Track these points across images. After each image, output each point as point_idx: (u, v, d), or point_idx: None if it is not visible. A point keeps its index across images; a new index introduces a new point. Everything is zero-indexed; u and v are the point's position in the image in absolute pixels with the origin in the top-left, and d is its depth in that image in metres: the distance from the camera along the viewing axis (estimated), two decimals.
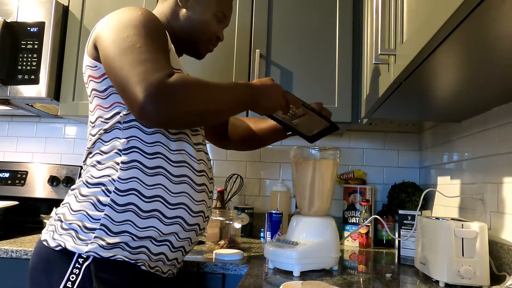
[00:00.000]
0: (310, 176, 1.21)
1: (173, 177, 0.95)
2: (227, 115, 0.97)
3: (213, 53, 1.71)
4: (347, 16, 1.66)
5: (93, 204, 0.89)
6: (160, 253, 0.94)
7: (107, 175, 0.91)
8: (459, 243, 1.03)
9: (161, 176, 0.93)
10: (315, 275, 1.11)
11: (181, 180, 0.96)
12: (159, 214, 0.92)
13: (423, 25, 0.71)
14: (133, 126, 0.94)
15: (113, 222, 0.89)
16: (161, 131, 0.95)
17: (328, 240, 1.16)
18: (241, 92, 0.95)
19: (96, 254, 0.87)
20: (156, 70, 0.83)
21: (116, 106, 0.94)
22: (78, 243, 0.87)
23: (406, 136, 1.97)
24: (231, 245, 1.52)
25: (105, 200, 0.89)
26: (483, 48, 0.70)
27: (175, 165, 0.95)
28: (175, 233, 0.95)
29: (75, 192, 0.94)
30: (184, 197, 0.96)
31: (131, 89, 0.81)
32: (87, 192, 0.91)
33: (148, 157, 0.93)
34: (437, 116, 1.37)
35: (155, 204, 0.92)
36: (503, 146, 1.14)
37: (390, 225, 1.70)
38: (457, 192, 1.43)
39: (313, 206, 1.21)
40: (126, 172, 0.91)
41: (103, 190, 0.90)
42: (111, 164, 0.92)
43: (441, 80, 0.91)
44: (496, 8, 0.55)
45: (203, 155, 1.04)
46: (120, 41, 0.87)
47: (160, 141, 0.94)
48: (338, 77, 1.64)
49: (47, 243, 0.91)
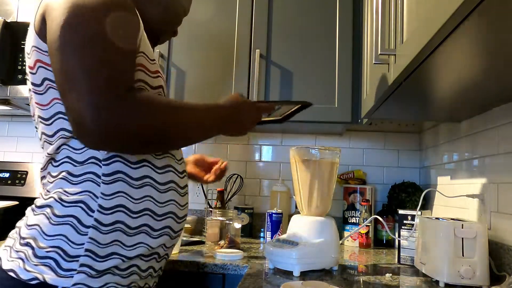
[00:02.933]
0: (310, 176, 1.21)
1: (160, 185, 0.83)
2: (194, 142, 0.85)
3: (213, 53, 1.72)
4: (347, 16, 1.66)
5: (73, 226, 0.74)
6: (149, 267, 0.84)
7: (87, 191, 0.76)
8: (459, 243, 1.03)
9: (149, 186, 0.81)
10: (315, 275, 1.11)
11: (168, 187, 0.84)
12: (148, 228, 0.81)
13: (423, 25, 0.71)
14: None
15: (99, 245, 0.75)
16: None
17: (328, 240, 1.16)
18: (212, 118, 0.84)
19: (85, 285, 0.73)
20: (114, 81, 0.68)
21: None
22: (61, 274, 0.72)
23: (406, 136, 1.97)
24: (231, 245, 1.52)
25: (87, 220, 0.74)
26: (483, 48, 0.70)
27: (161, 171, 0.84)
28: (163, 244, 0.85)
29: (45, 211, 0.76)
30: (172, 205, 0.85)
31: (76, 97, 0.67)
32: (64, 212, 0.75)
33: (133, 166, 0.79)
34: (437, 116, 1.37)
35: (143, 219, 0.80)
36: (503, 146, 1.14)
37: (390, 225, 1.70)
38: (457, 192, 1.43)
39: (313, 206, 1.21)
40: (110, 186, 0.76)
41: (84, 209, 0.75)
42: (89, 177, 0.76)
43: (441, 80, 0.91)
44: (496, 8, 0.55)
45: (180, 153, 0.95)
46: (75, 26, 0.70)
47: None
48: (338, 77, 1.64)
49: (16, 275, 0.72)
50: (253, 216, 1.90)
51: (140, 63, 0.80)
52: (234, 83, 1.68)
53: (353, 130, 1.97)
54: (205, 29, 1.72)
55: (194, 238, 1.73)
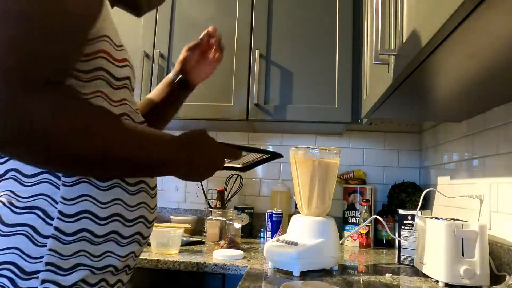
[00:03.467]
0: (310, 176, 1.21)
1: (130, 186, 0.70)
2: (129, 175, 0.67)
3: None
4: (347, 16, 1.66)
5: (29, 237, 0.61)
6: (118, 280, 0.73)
7: (42, 194, 0.62)
8: (459, 243, 1.03)
9: (118, 188, 0.68)
10: (315, 275, 1.11)
11: (138, 188, 0.72)
12: (117, 235, 0.69)
13: (423, 25, 0.71)
14: None
15: (61, 257, 0.62)
16: None
17: (328, 240, 1.16)
18: (163, 151, 0.67)
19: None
20: (25, 69, 0.51)
21: None
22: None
23: (406, 136, 1.97)
24: (231, 245, 1.52)
25: (46, 230, 0.61)
26: (483, 48, 0.70)
27: None
28: (133, 253, 0.74)
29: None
30: (143, 208, 0.73)
31: None
32: (15, 221, 0.61)
33: None
34: (437, 116, 1.37)
35: (112, 225, 0.67)
36: (503, 146, 1.14)
37: (390, 225, 1.70)
38: (457, 192, 1.43)
39: (313, 206, 1.21)
40: (72, 188, 0.63)
41: (41, 215, 0.62)
42: (46, 178, 0.63)
43: (441, 80, 0.91)
44: (496, 8, 0.55)
45: None
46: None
47: None
48: (338, 77, 1.64)
49: None
50: (253, 216, 1.91)
51: (102, 49, 0.65)
52: (234, 83, 1.68)
53: (353, 130, 1.97)
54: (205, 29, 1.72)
55: (194, 238, 1.73)
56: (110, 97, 0.67)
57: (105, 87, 0.67)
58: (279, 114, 1.64)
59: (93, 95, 0.65)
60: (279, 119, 1.64)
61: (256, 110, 1.64)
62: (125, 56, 0.72)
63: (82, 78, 0.64)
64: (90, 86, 0.65)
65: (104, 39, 0.66)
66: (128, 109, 0.71)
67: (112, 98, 0.68)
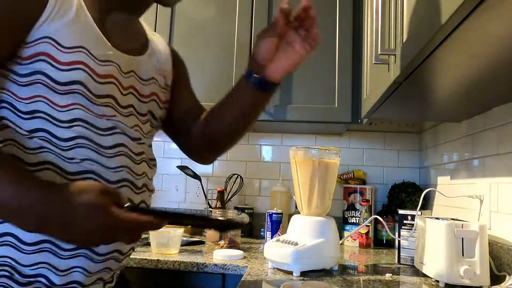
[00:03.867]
0: (310, 176, 1.21)
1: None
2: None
3: (213, 52, 1.72)
4: (347, 16, 1.66)
5: None
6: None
7: None
8: (459, 243, 1.03)
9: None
10: (315, 275, 1.11)
11: None
12: (51, 244, 0.66)
13: (423, 25, 0.71)
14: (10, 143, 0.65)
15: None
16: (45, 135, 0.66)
17: (328, 240, 1.16)
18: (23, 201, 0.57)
19: None
20: None
21: None
22: None
23: (406, 136, 1.97)
24: (231, 245, 1.52)
25: None
26: (483, 48, 0.70)
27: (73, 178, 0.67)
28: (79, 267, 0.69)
29: None
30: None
31: None
32: None
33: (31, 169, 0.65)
34: (437, 116, 1.37)
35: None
36: (503, 146, 1.14)
37: (390, 225, 1.70)
38: (457, 192, 1.43)
39: (313, 206, 1.21)
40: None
41: None
42: None
43: (441, 80, 0.91)
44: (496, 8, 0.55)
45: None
46: None
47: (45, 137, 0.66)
48: (338, 77, 1.64)
49: None
50: (253, 216, 1.91)
51: (41, 52, 0.64)
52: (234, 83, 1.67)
53: (353, 130, 1.97)
54: (205, 29, 1.72)
55: (194, 238, 1.73)
56: (53, 102, 0.66)
57: (46, 92, 0.65)
58: (279, 114, 1.64)
59: (32, 100, 0.65)
60: (279, 119, 1.64)
61: None
62: (77, 59, 0.66)
63: (20, 82, 0.64)
64: (29, 91, 0.65)
65: (44, 40, 0.64)
66: (82, 114, 0.67)
67: (56, 103, 0.66)
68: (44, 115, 0.65)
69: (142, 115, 0.79)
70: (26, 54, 0.64)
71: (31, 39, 0.63)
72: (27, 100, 0.65)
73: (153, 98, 0.82)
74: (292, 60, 0.82)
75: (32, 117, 0.65)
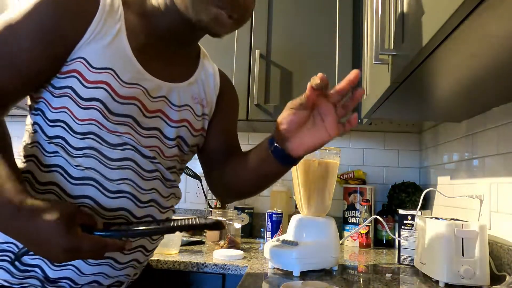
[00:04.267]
0: (310, 176, 1.21)
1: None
2: None
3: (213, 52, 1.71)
4: (347, 16, 1.66)
5: None
6: (62, 278, 0.75)
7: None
8: (459, 243, 1.03)
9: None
10: (315, 275, 1.11)
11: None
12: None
13: (423, 25, 0.71)
14: (35, 145, 0.76)
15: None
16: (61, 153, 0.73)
17: (328, 240, 1.16)
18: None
19: None
20: None
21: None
22: None
23: (406, 136, 1.97)
24: (231, 245, 1.52)
25: None
26: (483, 48, 0.70)
27: (75, 182, 0.75)
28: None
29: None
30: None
31: None
32: None
33: (43, 170, 0.75)
34: (437, 116, 1.37)
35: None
36: (503, 146, 1.14)
37: (390, 225, 1.70)
38: (457, 192, 1.43)
39: (313, 206, 1.21)
40: None
41: None
42: None
43: (441, 80, 0.91)
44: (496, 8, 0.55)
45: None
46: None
47: (61, 144, 0.74)
48: (338, 77, 1.64)
49: None
50: (253, 216, 1.90)
51: (74, 69, 0.72)
52: (234, 83, 1.67)
53: (353, 130, 1.96)
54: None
55: (194, 238, 1.73)
56: (74, 115, 0.73)
57: (71, 105, 0.73)
58: (279, 114, 1.62)
59: (59, 110, 0.73)
60: None
61: (256, 110, 1.64)
62: (102, 79, 0.73)
63: (54, 93, 0.73)
64: (59, 102, 0.73)
65: (78, 60, 0.72)
66: (96, 129, 0.73)
67: (76, 116, 0.73)
68: (64, 125, 0.73)
69: (169, 139, 0.83)
70: (63, 70, 0.72)
71: (70, 58, 0.72)
72: (55, 110, 0.73)
73: (184, 124, 0.86)
74: (319, 138, 0.76)
75: (55, 125, 0.74)
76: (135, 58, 0.76)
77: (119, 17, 0.75)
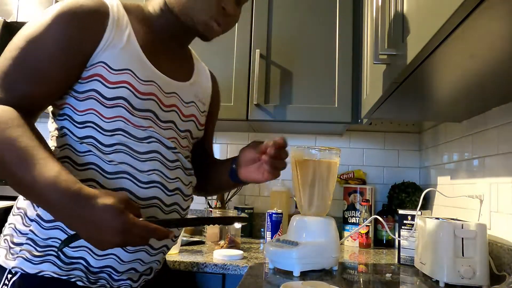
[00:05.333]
0: (310, 176, 1.21)
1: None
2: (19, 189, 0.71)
3: (213, 52, 1.72)
4: (347, 16, 1.66)
5: (22, 217, 0.81)
6: (104, 267, 0.81)
7: None
8: (459, 243, 1.03)
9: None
10: (315, 275, 1.11)
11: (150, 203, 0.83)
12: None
13: (423, 25, 0.71)
14: (66, 147, 0.81)
15: (39, 238, 0.79)
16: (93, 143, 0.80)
17: (328, 240, 1.16)
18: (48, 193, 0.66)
19: (22, 270, 0.77)
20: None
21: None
22: (8, 258, 0.79)
23: (406, 136, 1.97)
24: (231, 245, 1.52)
25: (32, 214, 0.79)
26: (483, 48, 0.70)
27: (110, 177, 0.80)
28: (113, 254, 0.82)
29: (14, 204, 0.86)
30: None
31: None
32: (20, 205, 0.83)
33: (79, 168, 0.80)
34: (437, 116, 1.37)
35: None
36: (503, 146, 1.14)
37: (390, 225, 1.70)
38: (457, 192, 1.43)
39: (313, 206, 1.21)
40: None
41: (32, 204, 0.80)
42: None
43: (441, 80, 0.91)
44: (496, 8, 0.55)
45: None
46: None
47: (92, 143, 0.80)
48: (338, 77, 1.64)
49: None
50: (253, 216, 1.91)
51: (96, 73, 0.79)
52: (234, 83, 1.68)
53: (353, 130, 1.97)
54: None
55: (194, 238, 1.73)
56: (102, 114, 0.80)
57: (97, 106, 0.80)
58: (279, 114, 1.64)
59: (85, 112, 0.80)
60: (279, 119, 1.64)
61: (256, 110, 1.64)
62: (124, 79, 0.80)
63: (78, 97, 0.80)
64: (84, 104, 0.80)
65: (99, 65, 0.80)
66: (123, 125, 0.81)
67: (104, 115, 0.80)
68: (93, 125, 0.80)
69: (181, 131, 0.92)
70: (84, 76, 0.80)
71: (89, 64, 0.79)
72: (81, 113, 0.80)
73: (192, 119, 0.96)
74: (257, 177, 0.94)
75: (84, 126, 0.80)
76: (146, 58, 0.84)
77: (126, 23, 0.83)
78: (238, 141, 2.05)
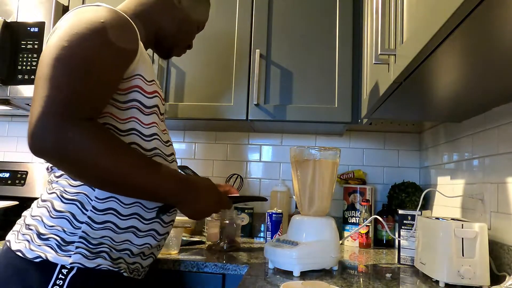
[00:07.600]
0: (310, 176, 1.21)
1: None
2: (138, 195, 0.88)
3: (213, 53, 1.72)
4: (347, 16, 1.66)
5: (69, 221, 0.86)
6: (135, 262, 0.96)
7: (83, 193, 0.87)
8: (459, 243, 1.03)
9: None
10: (315, 275, 1.11)
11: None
12: (135, 229, 0.93)
13: (423, 25, 0.71)
14: None
15: (91, 237, 0.87)
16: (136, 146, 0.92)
17: (328, 240, 1.16)
18: (168, 182, 0.88)
19: (81, 264, 0.85)
20: (70, 105, 0.75)
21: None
22: (60, 254, 0.84)
23: (406, 136, 1.97)
24: (231, 245, 1.52)
25: (82, 217, 0.87)
26: (483, 48, 0.70)
27: None
28: (148, 244, 0.97)
29: (47, 205, 0.88)
30: (156, 211, 0.96)
31: (34, 108, 0.75)
32: (62, 208, 0.87)
33: None
34: (437, 116, 1.37)
35: (131, 221, 0.92)
36: (503, 146, 1.14)
37: (390, 225, 1.70)
38: (457, 192, 1.43)
39: (313, 206, 1.21)
40: (103, 192, 0.88)
41: (80, 207, 0.87)
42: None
43: (441, 80, 0.91)
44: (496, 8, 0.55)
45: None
46: (59, 48, 0.79)
47: (137, 149, 0.92)
48: (338, 77, 1.64)
49: (23, 254, 0.84)
50: (253, 216, 1.90)
51: (136, 85, 0.90)
52: (234, 83, 1.68)
53: (353, 130, 1.97)
54: (205, 29, 1.72)
55: (194, 238, 1.73)
56: (142, 121, 0.91)
57: (138, 114, 0.91)
58: (279, 114, 1.64)
59: (128, 120, 0.89)
60: (279, 119, 1.64)
61: (256, 110, 1.64)
62: (156, 89, 0.95)
63: (120, 107, 0.88)
64: (126, 113, 0.89)
65: (138, 77, 0.90)
66: (156, 130, 0.95)
67: (143, 122, 0.91)
68: (136, 132, 0.91)
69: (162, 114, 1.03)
70: (124, 87, 0.88)
71: (127, 76, 0.88)
72: (124, 121, 0.89)
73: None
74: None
75: (128, 133, 0.90)
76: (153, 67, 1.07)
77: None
78: (238, 141, 2.05)
